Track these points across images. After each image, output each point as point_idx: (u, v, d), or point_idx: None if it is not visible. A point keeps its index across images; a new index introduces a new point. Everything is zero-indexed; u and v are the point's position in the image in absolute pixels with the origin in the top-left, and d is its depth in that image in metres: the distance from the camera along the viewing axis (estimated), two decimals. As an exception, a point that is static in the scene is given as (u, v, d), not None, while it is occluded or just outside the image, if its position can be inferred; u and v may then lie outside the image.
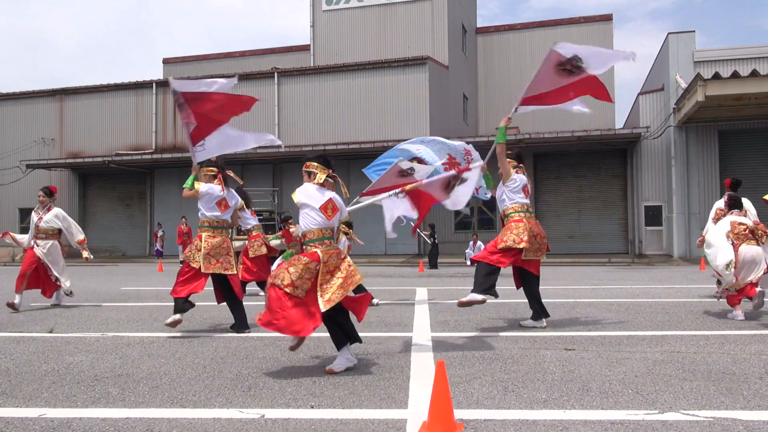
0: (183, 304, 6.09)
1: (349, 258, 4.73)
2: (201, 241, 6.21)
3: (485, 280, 6.08)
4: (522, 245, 6.15)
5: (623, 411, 3.45)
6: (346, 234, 8.65)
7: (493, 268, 6.16)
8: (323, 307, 4.42)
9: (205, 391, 3.99)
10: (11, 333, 6.46)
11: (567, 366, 4.56)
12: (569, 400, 3.68)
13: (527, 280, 6.55)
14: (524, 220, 6.33)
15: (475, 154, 7.87)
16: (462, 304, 5.98)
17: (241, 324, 6.30)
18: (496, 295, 6.15)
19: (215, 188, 6.28)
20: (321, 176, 4.71)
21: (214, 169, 6.43)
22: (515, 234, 6.21)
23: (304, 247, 4.65)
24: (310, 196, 4.63)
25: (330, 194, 4.72)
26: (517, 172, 6.60)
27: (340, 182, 4.92)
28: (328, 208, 4.63)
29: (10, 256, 26.88)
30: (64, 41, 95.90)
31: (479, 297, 5.96)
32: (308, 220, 4.59)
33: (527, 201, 6.52)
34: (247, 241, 9.49)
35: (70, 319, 7.47)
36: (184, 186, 6.33)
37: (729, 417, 3.31)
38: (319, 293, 4.46)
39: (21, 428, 3.31)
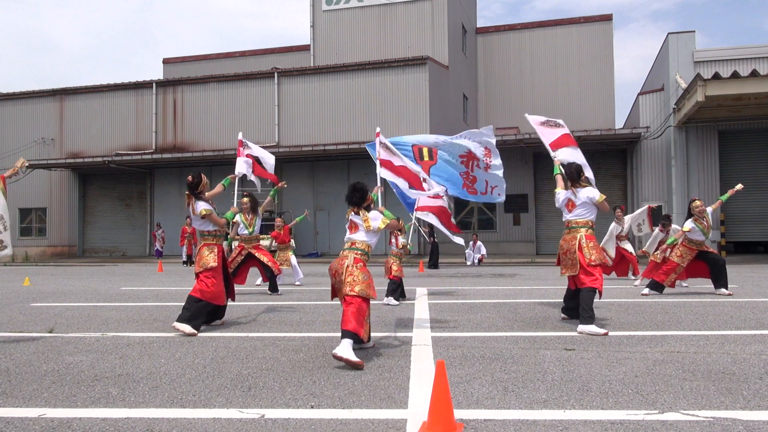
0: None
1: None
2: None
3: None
4: (558, 264, 6.65)
5: (623, 411, 3.45)
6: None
7: (570, 292, 6.68)
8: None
9: (205, 391, 3.99)
10: (11, 333, 6.46)
11: (567, 366, 4.55)
12: (569, 400, 3.68)
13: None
14: (564, 238, 6.53)
15: (495, 151, 9.02)
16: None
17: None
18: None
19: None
20: None
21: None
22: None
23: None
24: None
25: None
26: (563, 188, 6.69)
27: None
28: None
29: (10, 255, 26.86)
30: (66, 42, 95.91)
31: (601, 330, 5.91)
32: None
33: (568, 216, 6.53)
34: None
35: (70, 319, 7.47)
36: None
37: (729, 417, 3.31)
38: None
39: (21, 428, 3.31)
